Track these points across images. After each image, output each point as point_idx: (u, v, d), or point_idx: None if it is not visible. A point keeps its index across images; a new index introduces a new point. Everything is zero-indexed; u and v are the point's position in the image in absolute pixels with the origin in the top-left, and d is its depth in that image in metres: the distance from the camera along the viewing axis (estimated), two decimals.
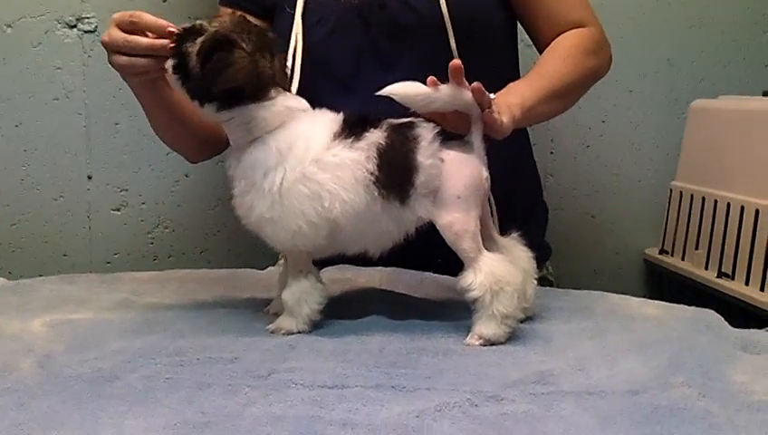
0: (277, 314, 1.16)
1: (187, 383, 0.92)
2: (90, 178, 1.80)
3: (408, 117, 1.10)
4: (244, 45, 1.07)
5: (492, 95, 1.12)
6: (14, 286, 1.33)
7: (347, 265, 1.38)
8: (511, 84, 1.27)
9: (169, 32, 1.11)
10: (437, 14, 1.35)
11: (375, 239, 1.12)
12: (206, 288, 1.32)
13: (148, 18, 1.14)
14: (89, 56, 1.75)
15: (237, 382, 0.92)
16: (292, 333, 1.11)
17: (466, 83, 1.07)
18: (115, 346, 1.04)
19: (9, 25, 1.73)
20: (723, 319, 1.18)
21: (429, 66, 1.08)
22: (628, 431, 0.82)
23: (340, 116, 1.11)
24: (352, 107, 1.13)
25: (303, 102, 1.14)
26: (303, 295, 1.12)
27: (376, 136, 1.08)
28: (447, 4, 1.35)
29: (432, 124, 1.10)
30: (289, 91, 1.15)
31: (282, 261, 1.25)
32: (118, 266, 1.79)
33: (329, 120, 1.11)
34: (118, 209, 1.82)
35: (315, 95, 1.15)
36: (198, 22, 1.10)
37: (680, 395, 0.90)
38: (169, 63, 1.11)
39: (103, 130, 1.78)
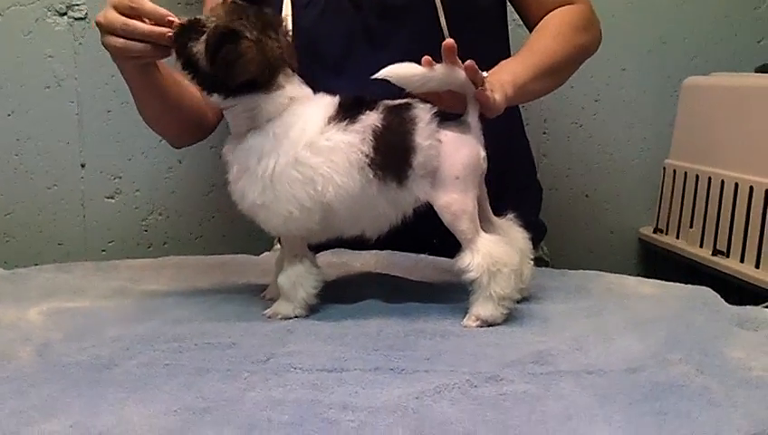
0: (273, 300, 1.16)
1: (186, 369, 0.92)
2: (83, 166, 1.79)
3: (403, 98, 1.10)
4: (248, 34, 1.06)
5: (484, 73, 1.12)
6: (10, 276, 1.33)
7: (343, 250, 1.38)
8: (502, 62, 1.27)
9: (169, 20, 1.11)
10: None
11: (372, 222, 1.12)
12: (203, 274, 1.32)
13: (149, 5, 1.14)
14: (80, 44, 1.74)
15: (236, 367, 0.92)
16: (290, 318, 1.11)
17: (460, 62, 1.07)
18: (113, 333, 1.04)
19: (0, 14, 1.72)
20: (719, 296, 1.19)
21: (421, 46, 1.08)
22: (626, 409, 0.82)
23: (336, 99, 1.11)
24: (345, 89, 1.13)
25: (308, 90, 1.13)
26: (299, 279, 1.13)
27: (372, 118, 1.08)
28: None
29: (429, 105, 1.10)
30: (295, 69, 1.14)
31: (278, 246, 1.25)
32: (113, 254, 1.79)
33: (324, 105, 1.11)
34: (112, 197, 1.81)
35: (307, 78, 1.14)
36: (196, 17, 1.10)
37: (678, 372, 0.91)
38: (177, 63, 1.11)
39: (96, 118, 1.77)
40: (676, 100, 1.82)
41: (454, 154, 1.09)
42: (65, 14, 1.73)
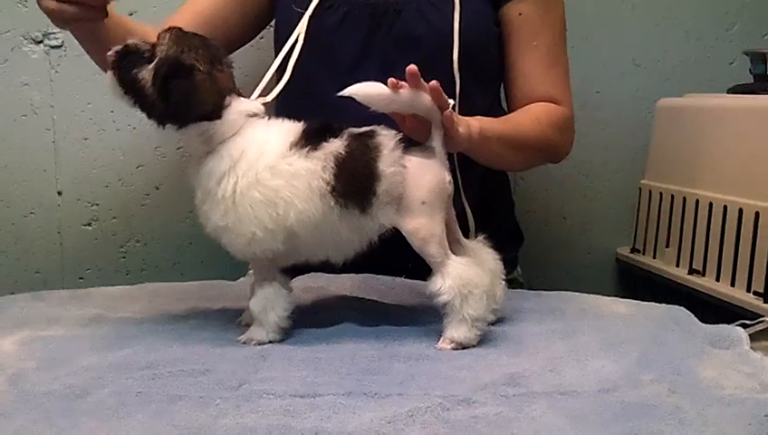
0: (249, 325, 1.16)
1: (159, 397, 0.92)
2: (60, 193, 1.78)
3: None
4: (200, 66, 1.08)
5: (451, 101, 1.13)
6: None
7: (318, 274, 1.38)
8: (478, 116, 1.29)
9: None
10: (448, 29, 1.37)
11: (335, 247, 1.13)
12: (178, 301, 1.32)
13: None
14: (56, 72, 1.74)
15: (209, 394, 0.92)
16: (264, 343, 1.11)
17: (426, 86, 1.09)
18: (86, 362, 1.04)
19: None
20: (692, 315, 1.20)
21: (427, 77, 1.09)
22: (599, 430, 0.83)
23: (300, 125, 1.12)
24: (347, 101, 1.12)
25: (258, 106, 1.14)
26: (269, 303, 1.13)
27: (334, 145, 1.08)
28: (460, 23, 1.37)
29: (394, 132, 1.11)
30: (241, 95, 1.15)
31: (251, 271, 1.25)
32: (90, 282, 1.78)
33: (286, 130, 1.12)
34: (89, 224, 1.81)
35: (314, 83, 1.14)
36: (132, 42, 1.11)
37: (650, 392, 0.91)
38: (116, 87, 1.11)
39: (72, 146, 1.77)
40: (651, 121, 1.83)
41: (419, 179, 1.09)
42: (41, 41, 1.73)
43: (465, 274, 1.08)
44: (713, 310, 1.45)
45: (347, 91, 1.08)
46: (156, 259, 1.83)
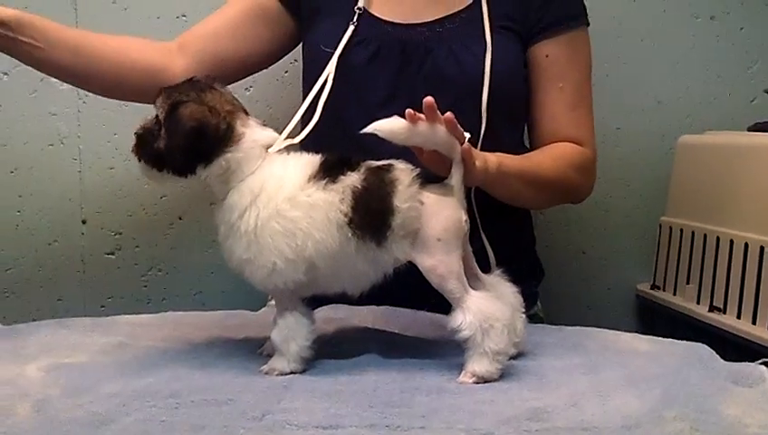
0: (271, 355, 1.16)
1: (182, 426, 0.92)
2: (84, 222, 1.80)
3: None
4: (183, 98, 1.11)
5: (467, 134, 1.14)
6: (9, 331, 1.33)
7: (340, 305, 1.39)
8: (498, 152, 1.30)
9: None
10: (479, 70, 1.38)
11: (352, 279, 1.14)
12: (201, 330, 1.33)
13: None
14: (84, 102, 1.76)
15: (232, 424, 0.93)
16: (285, 374, 1.12)
17: (441, 119, 1.10)
18: (110, 389, 1.04)
19: (6, 73, 1.74)
20: (714, 353, 1.19)
21: (456, 118, 1.10)
22: None
23: (318, 158, 1.13)
24: (376, 137, 1.12)
25: (272, 133, 1.16)
26: (291, 333, 1.13)
27: (352, 179, 1.10)
28: (491, 65, 1.38)
29: (411, 167, 1.12)
30: (246, 112, 1.17)
31: (272, 301, 1.26)
32: (112, 310, 1.79)
33: (304, 163, 1.13)
34: (112, 253, 1.82)
35: (344, 119, 1.14)
36: (138, 127, 1.16)
37: (673, 430, 0.91)
38: (150, 172, 1.15)
39: (98, 175, 1.79)
40: (672, 158, 1.84)
41: (435, 216, 1.10)
42: None
43: (486, 308, 1.09)
44: (734, 347, 1.45)
45: (370, 128, 1.09)
46: (177, 288, 1.84)
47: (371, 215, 1.09)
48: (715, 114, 1.89)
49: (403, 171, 1.11)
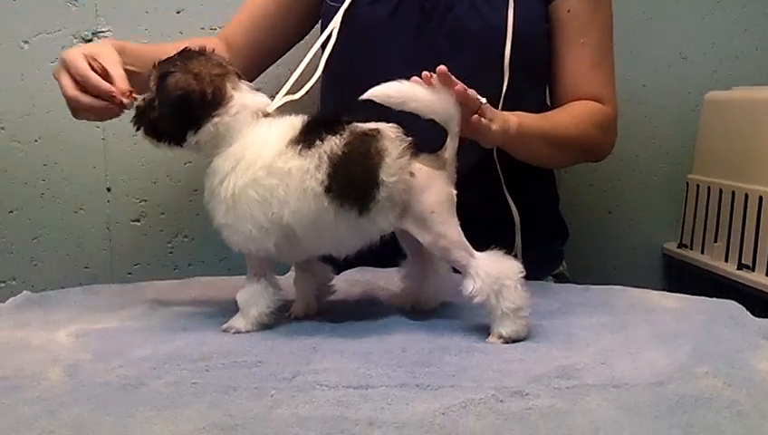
0: (298, 318, 1.18)
1: (213, 388, 0.93)
2: (109, 190, 1.81)
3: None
4: (171, 68, 1.12)
5: (483, 99, 1.12)
6: (39, 298, 1.34)
7: (366, 268, 1.39)
8: (518, 111, 1.28)
9: (110, 95, 1.17)
10: (501, 24, 1.36)
11: (335, 245, 1.13)
12: (228, 294, 1.32)
13: (93, 80, 1.19)
14: None
15: (263, 385, 0.93)
16: (241, 332, 1.13)
17: (455, 83, 1.08)
18: (140, 354, 1.05)
19: (26, 41, 1.74)
20: (744, 309, 1.18)
21: (479, 75, 1.09)
22: (653, 422, 0.82)
23: (301, 121, 1.12)
24: None
25: (263, 98, 1.16)
26: (254, 298, 1.15)
27: (330, 144, 1.07)
28: (514, 18, 1.36)
29: (402, 134, 1.09)
30: (240, 76, 1.16)
31: (294, 266, 1.26)
32: (139, 277, 1.80)
33: (286, 127, 1.11)
34: (137, 220, 1.83)
35: (364, 77, 1.13)
36: (137, 100, 1.17)
37: (705, 385, 0.90)
38: (151, 141, 1.17)
39: (121, 143, 1.79)
40: (698, 114, 1.81)
41: (426, 189, 1.08)
42: (91, 40, 1.75)
43: (492, 269, 1.07)
44: (762, 305, 1.43)
45: (366, 95, 1.08)
46: (203, 254, 1.85)
47: (352, 185, 1.06)
48: (741, 69, 1.87)
49: (392, 141, 1.08)
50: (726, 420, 0.82)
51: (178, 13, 1.75)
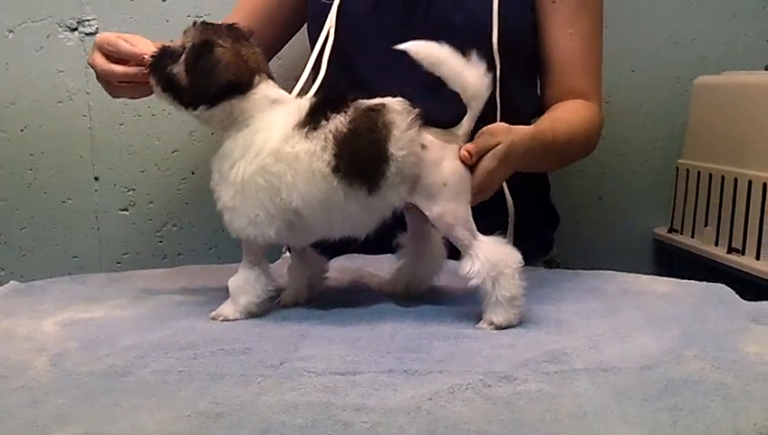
0: (287, 305, 1.17)
1: (200, 375, 0.92)
2: (96, 179, 1.80)
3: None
4: (221, 42, 1.09)
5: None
6: (26, 288, 1.33)
7: (355, 255, 1.38)
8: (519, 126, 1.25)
9: (142, 59, 1.16)
10: (486, 15, 1.35)
11: (347, 226, 1.11)
12: (216, 282, 1.32)
13: (124, 47, 1.19)
14: None
15: (250, 372, 0.92)
16: (229, 320, 1.13)
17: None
18: (127, 342, 1.04)
19: (11, 30, 1.73)
20: (733, 292, 1.18)
21: None
22: (642, 405, 0.82)
23: (307, 102, 1.11)
24: (388, 88, 1.11)
25: (282, 93, 1.14)
26: (246, 286, 1.14)
27: (335, 123, 1.06)
28: (498, 9, 1.35)
29: (408, 106, 1.07)
30: (272, 77, 1.15)
31: (286, 254, 1.26)
32: (127, 266, 1.79)
33: (293, 109, 1.10)
34: (126, 209, 1.82)
35: (350, 68, 1.13)
36: (164, 44, 1.14)
37: (694, 368, 0.90)
38: (155, 87, 1.14)
39: (108, 132, 1.78)
40: (688, 99, 1.81)
41: (440, 161, 1.07)
42: (76, 29, 1.74)
43: (493, 255, 1.06)
44: (752, 288, 1.43)
45: (405, 46, 1.07)
46: (192, 243, 1.84)
47: (360, 162, 1.05)
48: (731, 54, 1.86)
49: (399, 113, 1.06)
50: (714, 403, 0.81)
51: (164, 1, 1.74)
